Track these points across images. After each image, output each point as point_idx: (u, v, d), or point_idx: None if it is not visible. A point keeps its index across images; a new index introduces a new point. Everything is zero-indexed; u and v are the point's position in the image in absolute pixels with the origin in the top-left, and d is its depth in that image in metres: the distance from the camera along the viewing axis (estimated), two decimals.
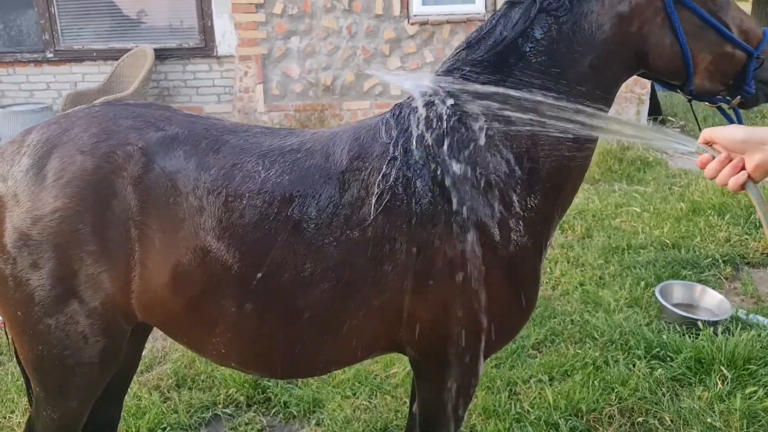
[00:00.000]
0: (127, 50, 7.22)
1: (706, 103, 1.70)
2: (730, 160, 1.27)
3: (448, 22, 7.33)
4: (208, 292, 1.56)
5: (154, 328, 1.89)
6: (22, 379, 1.99)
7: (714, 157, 1.30)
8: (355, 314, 1.58)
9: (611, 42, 1.55)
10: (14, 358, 1.95)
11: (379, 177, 1.54)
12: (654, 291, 3.62)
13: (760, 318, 3.36)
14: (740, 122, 1.63)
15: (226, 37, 7.40)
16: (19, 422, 2.77)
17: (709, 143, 1.32)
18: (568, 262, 4.19)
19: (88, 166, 1.52)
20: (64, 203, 1.49)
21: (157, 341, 3.39)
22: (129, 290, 1.57)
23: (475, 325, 1.61)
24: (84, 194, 1.50)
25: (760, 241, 4.37)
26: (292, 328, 1.60)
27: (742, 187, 1.26)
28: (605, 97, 1.60)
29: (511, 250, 1.58)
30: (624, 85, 1.69)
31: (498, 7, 6.81)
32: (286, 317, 1.58)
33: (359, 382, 2.98)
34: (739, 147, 1.25)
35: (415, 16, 7.33)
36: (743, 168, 1.26)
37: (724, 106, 1.67)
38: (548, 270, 4.07)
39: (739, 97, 1.64)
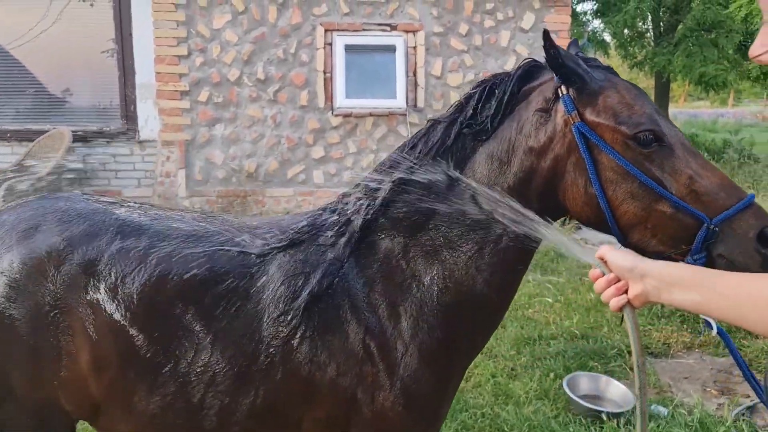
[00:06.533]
0: (45, 131, 7.09)
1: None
2: (618, 281, 1.32)
3: (371, 114, 7.57)
4: (123, 372, 1.57)
5: None
6: None
7: (604, 275, 1.34)
8: (250, 406, 1.58)
9: (527, 172, 1.50)
10: None
11: (266, 276, 1.59)
12: (562, 383, 3.70)
13: (661, 408, 3.46)
14: None
15: (149, 121, 7.38)
16: None
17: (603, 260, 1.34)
18: (482, 354, 4.24)
19: (15, 265, 1.57)
20: None
21: None
22: (59, 381, 1.59)
23: None
24: (10, 294, 1.56)
25: (661, 332, 4.57)
26: (194, 418, 1.59)
27: (621, 309, 1.31)
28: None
29: (401, 372, 1.56)
30: None
31: (418, 103, 7.07)
32: (188, 407, 1.58)
33: None
34: (625, 274, 1.30)
35: (338, 108, 7.54)
36: (626, 292, 1.31)
37: None
38: None
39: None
